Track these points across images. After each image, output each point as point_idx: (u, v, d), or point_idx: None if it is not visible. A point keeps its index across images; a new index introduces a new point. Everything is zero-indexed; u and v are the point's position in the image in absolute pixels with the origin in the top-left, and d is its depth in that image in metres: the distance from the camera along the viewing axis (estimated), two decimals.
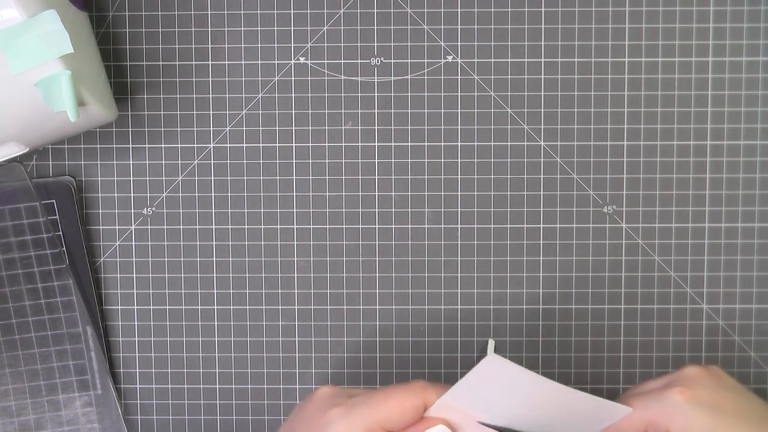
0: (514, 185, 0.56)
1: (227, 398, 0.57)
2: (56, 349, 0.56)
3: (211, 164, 0.57)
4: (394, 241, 0.56)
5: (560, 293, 0.56)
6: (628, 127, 0.56)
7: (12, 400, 0.56)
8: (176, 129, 0.57)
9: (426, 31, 0.56)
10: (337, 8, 0.56)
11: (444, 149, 0.56)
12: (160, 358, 0.57)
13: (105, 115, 0.51)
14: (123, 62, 0.56)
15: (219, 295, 0.57)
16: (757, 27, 0.56)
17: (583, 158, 0.56)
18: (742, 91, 0.56)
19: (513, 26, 0.56)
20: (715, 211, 0.56)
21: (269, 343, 0.57)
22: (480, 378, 0.42)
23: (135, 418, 0.57)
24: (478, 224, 0.56)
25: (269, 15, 0.56)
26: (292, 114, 0.56)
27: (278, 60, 0.56)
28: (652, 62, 0.56)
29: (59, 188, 0.56)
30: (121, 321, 0.57)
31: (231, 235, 0.57)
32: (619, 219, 0.56)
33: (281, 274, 0.57)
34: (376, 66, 0.56)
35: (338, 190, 0.56)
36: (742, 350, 0.56)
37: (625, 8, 0.56)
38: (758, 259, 0.56)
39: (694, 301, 0.56)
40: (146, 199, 0.57)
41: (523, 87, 0.56)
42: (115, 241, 0.57)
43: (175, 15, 0.56)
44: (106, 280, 0.57)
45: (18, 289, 0.56)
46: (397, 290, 0.56)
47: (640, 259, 0.56)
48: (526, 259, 0.56)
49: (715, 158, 0.56)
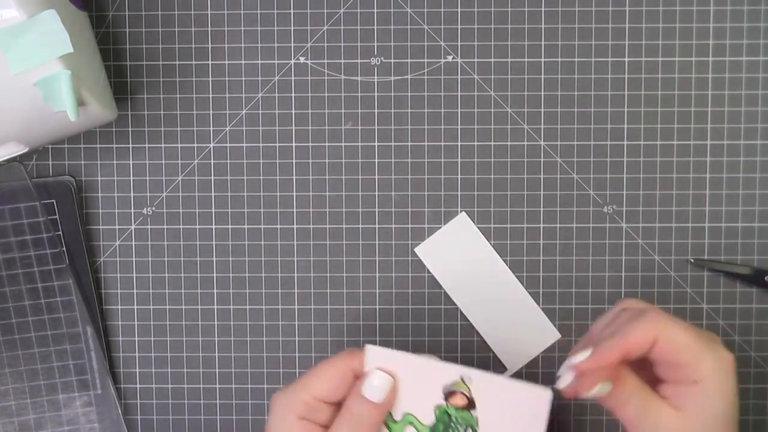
0: (514, 185, 0.56)
1: (227, 398, 0.57)
2: (56, 349, 0.56)
3: (211, 164, 0.57)
4: (394, 241, 0.56)
5: (560, 293, 0.56)
6: (628, 127, 0.56)
7: (12, 400, 0.56)
8: (176, 129, 0.57)
9: (426, 31, 0.56)
10: (337, 8, 0.56)
11: (444, 149, 0.56)
12: (160, 358, 0.57)
13: (105, 114, 0.51)
14: (123, 62, 0.56)
15: (219, 295, 0.57)
16: (757, 27, 0.56)
17: (583, 158, 0.56)
18: (742, 90, 0.56)
19: (513, 26, 0.56)
20: (715, 211, 0.56)
21: (269, 343, 0.57)
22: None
23: (135, 418, 0.57)
24: (479, 224, 0.56)
25: (269, 15, 0.56)
26: (292, 114, 0.56)
27: (278, 60, 0.56)
28: (652, 62, 0.56)
29: (59, 188, 0.56)
30: (121, 321, 0.57)
31: (231, 235, 0.57)
32: (619, 219, 0.56)
33: (281, 274, 0.57)
34: (376, 66, 0.56)
35: (338, 190, 0.56)
36: (742, 350, 0.56)
37: (625, 8, 0.56)
38: (758, 258, 0.56)
39: (695, 300, 0.56)
40: (146, 199, 0.57)
41: (523, 87, 0.56)
42: (115, 241, 0.57)
43: (175, 15, 0.56)
44: (106, 280, 0.57)
45: (18, 289, 0.56)
46: (397, 290, 0.56)
47: (640, 259, 0.56)
48: (526, 259, 0.56)
49: (715, 158, 0.56)
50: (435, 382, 0.45)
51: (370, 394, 0.43)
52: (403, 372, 0.45)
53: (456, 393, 0.45)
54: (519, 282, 0.56)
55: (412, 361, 0.46)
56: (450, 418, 0.45)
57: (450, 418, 0.45)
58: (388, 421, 0.45)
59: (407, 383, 0.45)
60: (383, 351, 0.45)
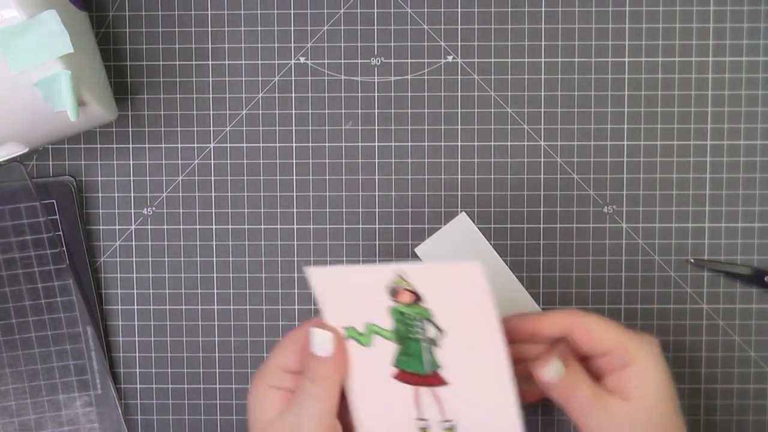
0: (514, 185, 0.56)
1: (227, 398, 0.57)
2: (56, 349, 0.56)
3: (211, 164, 0.57)
4: (394, 241, 0.56)
5: (560, 293, 0.56)
6: (628, 127, 0.56)
7: (12, 400, 0.56)
8: (176, 129, 0.57)
9: (426, 31, 0.56)
10: (337, 8, 0.56)
11: (444, 149, 0.56)
12: (160, 358, 0.57)
13: (105, 115, 0.51)
14: (123, 62, 0.56)
15: (219, 295, 0.57)
16: (757, 27, 0.56)
17: (583, 158, 0.56)
18: (742, 91, 0.56)
19: (513, 26, 0.56)
20: (715, 211, 0.56)
21: (269, 343, 0.57)
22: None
23: (135, 418, 0.57)
24: (479, 224, 0.56)
25: (269, 15, 0.56)
26: (292, 114, 0.56)
27: (278, 60, 0.56)
28: (652, 62, 0.56)
29: (59, 188, 0.56)
30: (121, 321, 0.57)
31: (231, 235, 0.57)
32: (619, 219, 0.56)
33: (281, 274, 0.57)
34: (376, 66, 0.56)
35: (338, 191, 0.56)
36: (742, 350, 0.56)
37: (625, 8, 0.56)
38: (758, 258, 0.56)
39: (695, 300, 0.56)
40: (146, 199, 0.57)
41: (523, 87, 0.56)
42: (115, 241, 0.57)
43: (175, 15, 0.56)
44: (106, 280, 0.57)
45: (18, 289, 0.56)
46: None
47: (640, 259, 0.56)
48: (526, 259, 0.56)
49: (715, 158, 0.56)
50: (378, 286, 0.46)
51: (318, 350, 0.45)
52: (348, 285, 0.46)
53: (399, 291, 0.45)
54: (519, 282, 0.56)
55: (351, 271, 0.47)
56: (404, 316, 0.46)
57: (405, 316, 0.46)
58: (358, 336, 0.47)
59: (356, 294, 0.46)
60: (322, 270, 0.46)
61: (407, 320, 0.46)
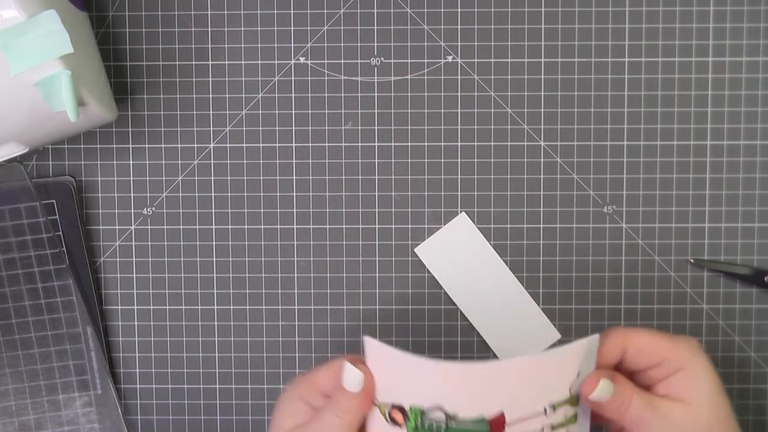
0: (514, 185, 0.56)
1: (227, 398, 0.57)
2: (56, 349, 0.56)
3: (211, 164, 0.57)
4: (394, 241, 0.56)
5: (560, 293, 0.56)
6: (628, 127, 0.56)
7: (12, 400, 0.56)
8: (176, 129, 0.57)
9: (426, 31, 0.56)
10: (337, 8, 0.56)
11: (444, 149, 0.56)
12: (160, 358, 0.57)
13: (105, 115, 0.51)
14: (123, 62, 0.56)
15: (219, 295, 0.57)
16: (757, 27, 0.56)
17: (583, 158, 0.56)
18: (742, 91, 0.56)
19: (513, 26, 0.56)
20: (715, 211, 0.56)
21: (269, 343, 0.57)
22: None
23: (135, 418, 0.57)
24: (479, 224, 0.56)
25: (269, 15, 0.56)
26: (292, 114, 0.56)
27: (278, 60, 0.56)
28: (652, 62, 0.56)
29: (59, 188, 0.56)
30: (121, 321, 0.57)
31: (231, 235, 0.57)
32: (619, 219, 0.56)
33: (281, 274, 0.57)
34: (376, 66, 0.56)
35: (338, 190, 0.56)
36: (742, 350, 0.56)
37: (625, 8, 0.56)
38: (758, 258, 0.56)
39: (695, 301, 0.56)
40: (146, 199, 0.57)
41: (523, 87, 0.56)
42: (115, 241, 0.57)
43: (175, 15, 0.56)
44: (106, 280, 0.57)
45: (18, 289, 0.56)
46: (397, 291, 0.56)
47: (640, 259, 0.56)
48: (526, 259, 0.56)
49: (715, 158, 0.56)
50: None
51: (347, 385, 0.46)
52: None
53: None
54: (519, 282, 0.56)
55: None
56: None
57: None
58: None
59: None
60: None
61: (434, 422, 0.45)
